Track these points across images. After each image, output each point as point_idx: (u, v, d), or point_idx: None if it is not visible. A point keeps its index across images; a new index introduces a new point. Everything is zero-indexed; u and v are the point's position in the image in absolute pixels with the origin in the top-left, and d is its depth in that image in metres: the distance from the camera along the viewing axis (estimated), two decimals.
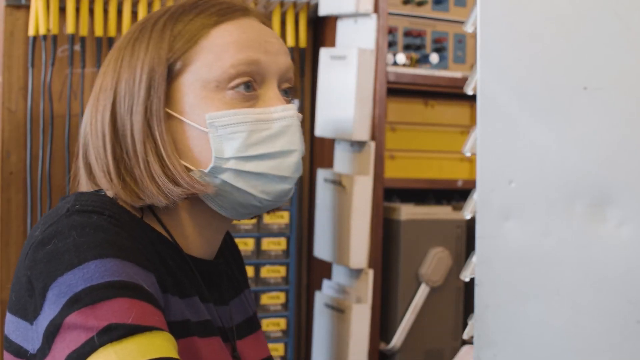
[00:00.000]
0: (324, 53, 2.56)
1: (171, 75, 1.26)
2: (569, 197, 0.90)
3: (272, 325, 2.59)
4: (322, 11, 2.60)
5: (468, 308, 2.67)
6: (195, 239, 1.32)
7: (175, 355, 1.06)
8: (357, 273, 2.52)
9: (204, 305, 1.31)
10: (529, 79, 0.92)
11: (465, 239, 2.66)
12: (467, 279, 1.02)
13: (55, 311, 1.07)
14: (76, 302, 1.06)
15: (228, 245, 1.54)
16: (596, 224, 0.88)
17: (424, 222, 2.58)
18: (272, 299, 2.59)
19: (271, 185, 1.26)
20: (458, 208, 2.73)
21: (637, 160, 0.84)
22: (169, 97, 1.26)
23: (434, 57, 2.60)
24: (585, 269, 0.88)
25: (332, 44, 2.63)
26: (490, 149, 0.96)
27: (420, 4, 2.56)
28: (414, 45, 2.57)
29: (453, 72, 2.63)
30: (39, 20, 2.32)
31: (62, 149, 2.39)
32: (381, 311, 2.56)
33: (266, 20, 1.35)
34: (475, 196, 0.99)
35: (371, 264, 2.50)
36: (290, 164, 1.26)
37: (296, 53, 2.69)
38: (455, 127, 2.71)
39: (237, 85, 1.25)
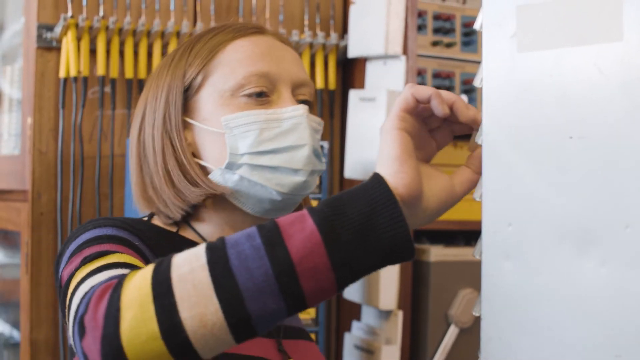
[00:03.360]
0: (353, 95, 2.57)
1: (193, 89, 1.38)
2: (558, 238, 0.95)
3: None
4: (352, 53, 2.61)
5: None
6: None
7: (137, 264, 1.17)
8: (386, 314, 2.51)
9: None
10: (523, 129, 0.99)
11: None
12: (477, 314, 1.06)
13: (59, 275, 1.22)
14: (69, 258, 1.19)
15: None
16: (581, 263, 0.93)
17: (454, 263, 2.56)
18: None
19: (285, 177, 1.33)
20: None
21: (614, 203, 0.90)
22: (192, 109, 1.38)
23: (464, 99, 2.59)
24: (571, 306, 0.94)
25: (361, 85, 2.64)
26: (493, 194, 1.03)
27: (449, 46, 2.57)
28: (443, 86, 2.57)
29: None
30: (69, 62, 2.36)
31: (93, 190, 2.41)
32: (410, 352, 2.55)
33: (283, 39, 1.45)
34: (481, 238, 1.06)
35: (400, 305, 2.49)
36: (301, 157, 1.33)
37: (325, 94, 2.71)
38: None
39: (250, 94, 1.34)
